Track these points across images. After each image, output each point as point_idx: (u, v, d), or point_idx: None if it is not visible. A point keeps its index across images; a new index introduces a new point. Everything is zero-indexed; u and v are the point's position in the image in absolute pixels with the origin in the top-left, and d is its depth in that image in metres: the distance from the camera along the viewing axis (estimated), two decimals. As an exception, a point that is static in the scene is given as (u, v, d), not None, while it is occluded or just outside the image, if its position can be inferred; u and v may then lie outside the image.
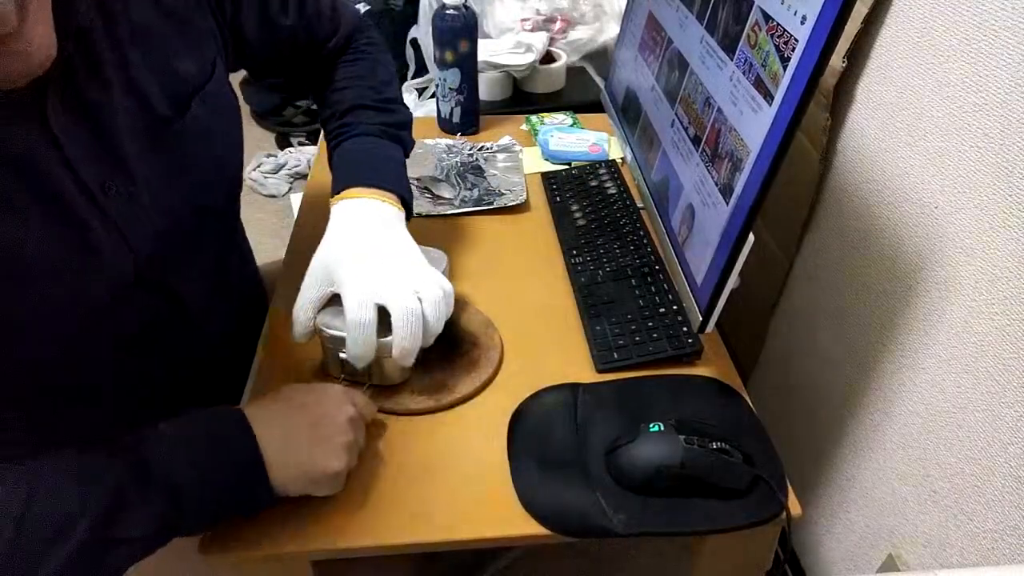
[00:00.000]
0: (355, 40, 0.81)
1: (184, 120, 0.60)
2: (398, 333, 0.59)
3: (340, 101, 0.76)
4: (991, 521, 0.67)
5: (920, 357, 0.77)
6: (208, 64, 0.63)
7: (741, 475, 0.58)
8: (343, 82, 0.77)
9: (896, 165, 0.79)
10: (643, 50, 0.94)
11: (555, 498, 0.58)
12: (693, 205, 0.71)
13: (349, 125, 0.74)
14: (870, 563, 0.88)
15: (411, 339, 0.59)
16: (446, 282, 0.63)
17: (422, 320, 0.59)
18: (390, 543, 0.56)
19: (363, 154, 0.72)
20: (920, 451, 0.78)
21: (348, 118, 0.74)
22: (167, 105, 0.58)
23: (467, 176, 0.99)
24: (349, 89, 0.76)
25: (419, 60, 1.53)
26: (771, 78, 0.58)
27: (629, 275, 0.80)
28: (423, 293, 0.60)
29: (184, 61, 0.60)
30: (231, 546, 0.55)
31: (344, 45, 0.80)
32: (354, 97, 0.76)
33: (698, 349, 0.71)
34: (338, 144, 0.73)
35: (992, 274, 0.66)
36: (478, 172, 1.00)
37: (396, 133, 0.75)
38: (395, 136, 0.75)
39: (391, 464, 0.61)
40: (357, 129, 0.73)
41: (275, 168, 2.20)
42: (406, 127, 0.78)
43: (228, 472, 0.51)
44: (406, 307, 0.58)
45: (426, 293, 0.60)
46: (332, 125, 0.76)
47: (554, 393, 0.67)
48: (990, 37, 0.64)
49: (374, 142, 0.73)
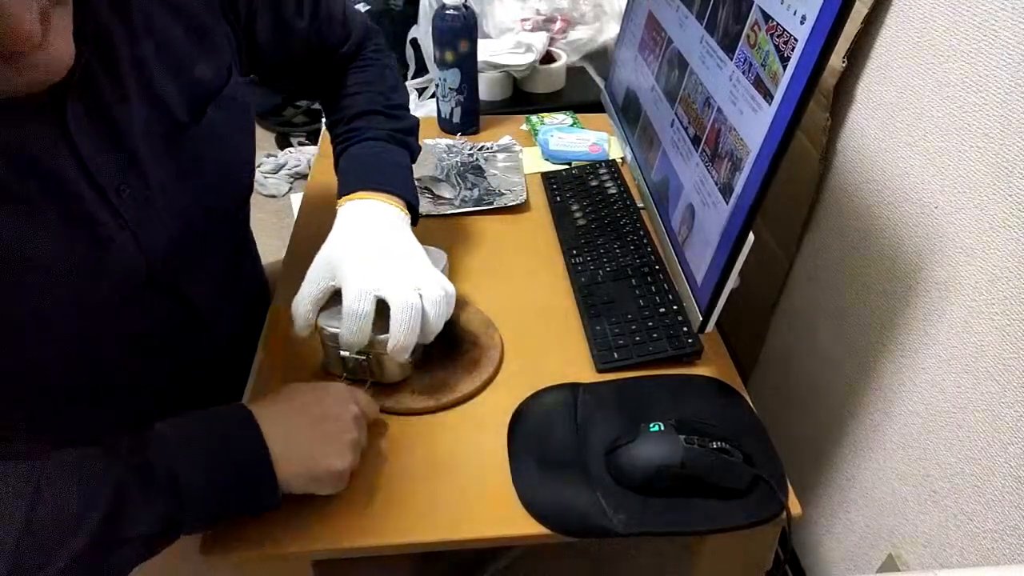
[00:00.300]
0: (365, 47, 0.82)
1: (200, 125, 0.60)
2: (395, 327, 0.59)
3: (350, 106, 0.76)
4: (991, 521, 0.67)
5: (920, 357, 0.77)
6: (224, 69, 0.63)
7: (741, 475, 0.58)
8: (353, 88, 0.78)
9: (896, 165, 0.79)
10: (643, 50, 0.94)
11: (555, 498, 0.58)
12: (693, 205, 0.71)
13: (358, 130, 0.75)
14: (870, 563, 0.89)
15: (408, 334, 0.59)
16: (448, 283, 0.64)
17: (421, 316, 0.60)
18: (391, 543, 0.56)
19: (371, 158, 0.73)
20: (920, 451, 0.78)
21: (357, 123, 0.75)
22: (184, 110, 0.59)
23: (467, 176, 0.99)
24: (359, 95, 0.77)
25: (419, 60, 1.53)
26: (771, 78, 0.58)
27: (629, 275, 0.80)
28: (425, 291, 0.61)
29: (201, 66, 0.60)
30: (232, 546, 0.55)
31: (355, 52, 0.80)
32: (364, 103, 0.76)
33: (698, 349, 0.71)
34: (346, 148, 0.74)
35: (992, 274, 0.66)
36: (478, 172, 1.00)
37: (404, 139, 0.76)
38: (403, 142, 0.76)
39: (391, 464, 0.61)
40: (366, 134, 0.74)
41: (275, 168, 2.20)
42: (413, 133, 0.79)
43: (233, 471, 0.51)
44: (406, 301, 0.59)
45: (428, 292, 0.61)
46: (340, 129, 0.76)
47: (554, 393, 0.67)
48: (990, 37, 0.64)
49: (382, 147, 0.74)
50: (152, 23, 0.55)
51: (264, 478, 0.51)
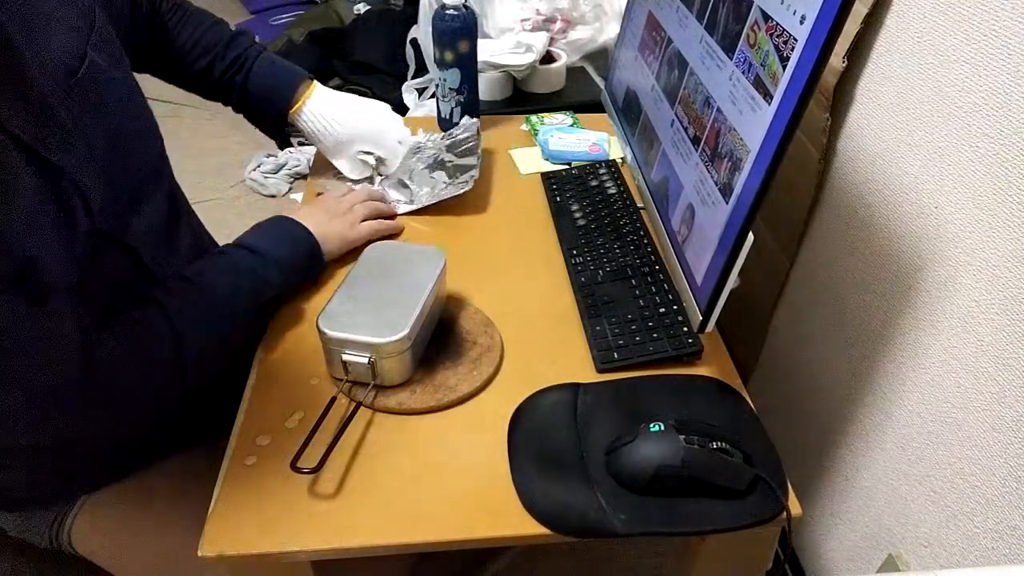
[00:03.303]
0: (158, 3, 0.84)
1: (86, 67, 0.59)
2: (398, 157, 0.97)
3: (211, 44, 0.85)
4: (991, 521, 0.67)
5: (920, 357, 0.77)
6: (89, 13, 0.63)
7: (741, 475, 0.58)
8: (196, 32, 0.85)
9: (896, 165, 0.79)
10: (643, 50, 0.94)
11: (555, 498, 0.58)
12: (693, 205, 0.71)
13: (240, 56, 0.86)
14: (870, 563, 0.89)
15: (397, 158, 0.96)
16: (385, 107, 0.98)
17: None
18: (390, 543, 0.56)
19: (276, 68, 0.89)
20: (920, 451, 0.78)
21: (232, 52, 0.86)
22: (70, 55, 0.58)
23: (433, 173, 0.96)
24: (207, 34, 0.85)
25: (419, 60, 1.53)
26: (770, 78, 0.58)
27: (629, 275, 0.80)
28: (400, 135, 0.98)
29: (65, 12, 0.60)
30: (232, 546, 0.55)
31: (154, 8, 0.83)
32: (219, 36, 0.86)
33: (698, 349, 0.71)
34: (247, 73, 0.86)
35: (992, 274, 0.66)
36: (441, 166, 0.97)
37: (260, 44, 0.90)
38: (263, 46, 0.90)
39: (391, 464, 0.61)
40: (249, 56, 0.87)
41: (275, 168, 2.20)
42: (252, 35, 0.91)
43: (294, 246, 0.76)
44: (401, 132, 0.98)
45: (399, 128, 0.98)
46: (222, 65, 0.86)
47: (554, 393, 0.67)
48: (990, 37, 0.64)
49: (268, 57, 0.89)
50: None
51: (313, 246, 0.78)
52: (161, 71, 0.86)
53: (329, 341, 0.64)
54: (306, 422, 0.64)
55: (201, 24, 0.86)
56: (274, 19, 2.89)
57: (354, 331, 0.63)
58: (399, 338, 0.63)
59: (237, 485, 0.59)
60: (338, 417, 0.63)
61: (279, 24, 2.79)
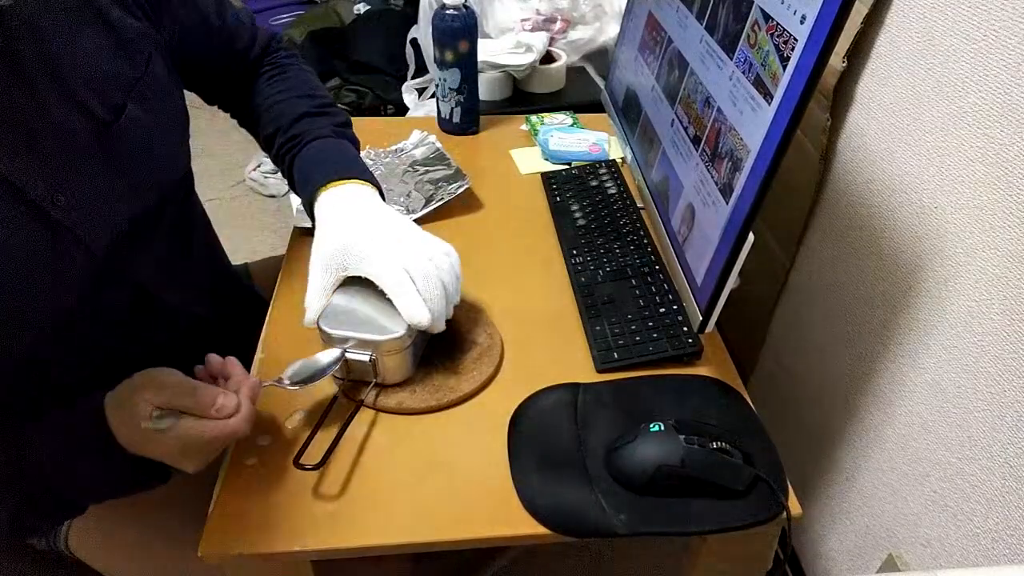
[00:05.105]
0: (272, 51, 0.82)
1: (122, 121, 0.59)
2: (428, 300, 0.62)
3: (282, 114, 0.77)
4: (991, 521, 0.68)
5: (920, 357, 0.77)
6: (142, 60, 0.62)
7: (741, 475, 0.58)
8: (279, 96, 0.78)
9: (896, 165, 0.79)
10: (643, 50, 0.94)
11: (555, 498, 0.58)
12: (693, 205, 0.71)
13: (302, 133, 0.75)
14: (870, 563, 0.89)
15: (438, 300, 0.63)
16: (448, 245, 0.67)
17: (442, 284, 0.63)
18: (390, 543, 0.56)
19: (330, 153, 0.74)
20: (920, 451, 0.78)
21: (296, 128, 0.76)
22: (103, 108, 0.58)
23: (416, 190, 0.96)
24: (286, 102, 0.78)
25: (419, 60, 1.53)
26: (771, 78, 0.58)
27: (629, 275, 0.80)
28: (435, 261, 0.64)
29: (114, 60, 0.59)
30: (231, 546, 0.55)
31: (261, 55, 0.81)
32: (296, 108, 0.77)
33: (698, 349, 0.71)
34: (297, 152, 0.74)
35: (992, 274, 0.66)
36: (421, 186, 0.96)
37: (345, 132, 0.78)
38: (346, 135, 0.78)
39: (391, 464, 0.61)
40: (311, 135, 0.75)
41: (275, 168, 2.20)
42: (350, 126, 0.80)
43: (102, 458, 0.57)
44: (427, 272, 0.62)
45: (438, 261, 0.64)
46: (282, 139, 0.76)
47: (554, 393, 0.67)
48: (990, 37, 0.64)
49: (334, 143, 0.75)
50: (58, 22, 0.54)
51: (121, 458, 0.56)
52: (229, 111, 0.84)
53: (330, 339, 0.64)
54: (306, 422, 0.64)
55: (290, 88, 0.79)
56: (274, 19, 2.89)
57: (355, 329, 0.63)
58: (400, 335, 0.63)
59: (237, 485, 0.59)
60: (338, 416, 0.63)
61: (279, 24, 2.78)
